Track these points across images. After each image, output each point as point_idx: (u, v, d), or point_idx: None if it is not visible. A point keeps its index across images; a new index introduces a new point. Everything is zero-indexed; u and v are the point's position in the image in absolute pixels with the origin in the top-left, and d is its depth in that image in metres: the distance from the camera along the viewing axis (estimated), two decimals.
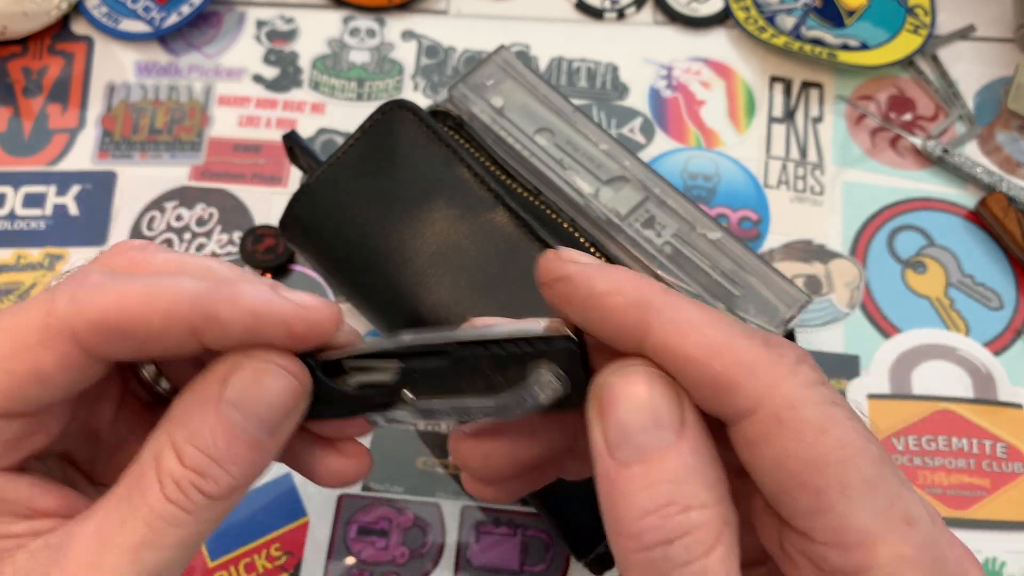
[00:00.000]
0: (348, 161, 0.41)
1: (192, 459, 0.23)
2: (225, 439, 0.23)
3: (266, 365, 0.24)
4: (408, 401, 0.25)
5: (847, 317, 0.48)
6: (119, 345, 0.23)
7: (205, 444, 0.23)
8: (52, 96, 0.53)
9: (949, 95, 0.53)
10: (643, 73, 0.54)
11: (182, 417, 0.24)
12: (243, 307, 0.23)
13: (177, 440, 0.23)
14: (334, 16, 0.55)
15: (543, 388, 0.23)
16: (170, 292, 0.23)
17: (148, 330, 0.23)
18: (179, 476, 0.23)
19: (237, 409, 0.24)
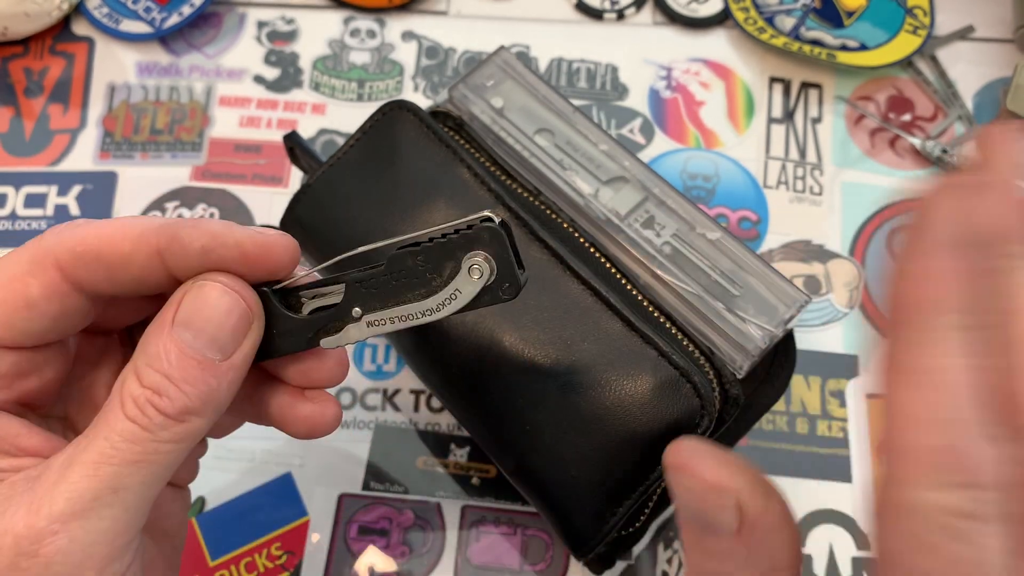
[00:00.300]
0: (348, 162, 0.41)
1: (149, 378, 0.25)
2: (177, 356, 0.25)
3: (212, 283, 0.26)
4: (357, 317, 0.27)
5: (846, 317, 0.48)
6: (95, 271, 0.26)
7: (160, 364, 0.25)
8: (53, 96, 0.54)
9: (948, 95, 0.53)
10: (643, 74, 0.54)
11: (143, 344, 0.26)
12: (202, 229, 0.26)
13: (138, 364, 0.25)
14: (334, 17, 0.56)
15: (472, 273, 0.25)
16: (140, 222, 0.26)
17: (119, 253, 0.25)
18: (137, 395, 0.25)
19: (186, 328, 0.25)
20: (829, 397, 0.46)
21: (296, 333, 0.28)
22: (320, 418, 0.29)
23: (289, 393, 0.30)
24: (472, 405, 0.38)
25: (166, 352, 0.25)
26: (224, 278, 0.26)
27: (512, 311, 0.37)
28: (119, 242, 0.26)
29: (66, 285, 0.26)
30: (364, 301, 0.27)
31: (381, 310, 0.27)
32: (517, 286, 0.25)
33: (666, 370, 0.36)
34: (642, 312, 0.38)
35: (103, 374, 0.30)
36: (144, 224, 0.26)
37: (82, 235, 0.26)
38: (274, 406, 0.30)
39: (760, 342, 0.37)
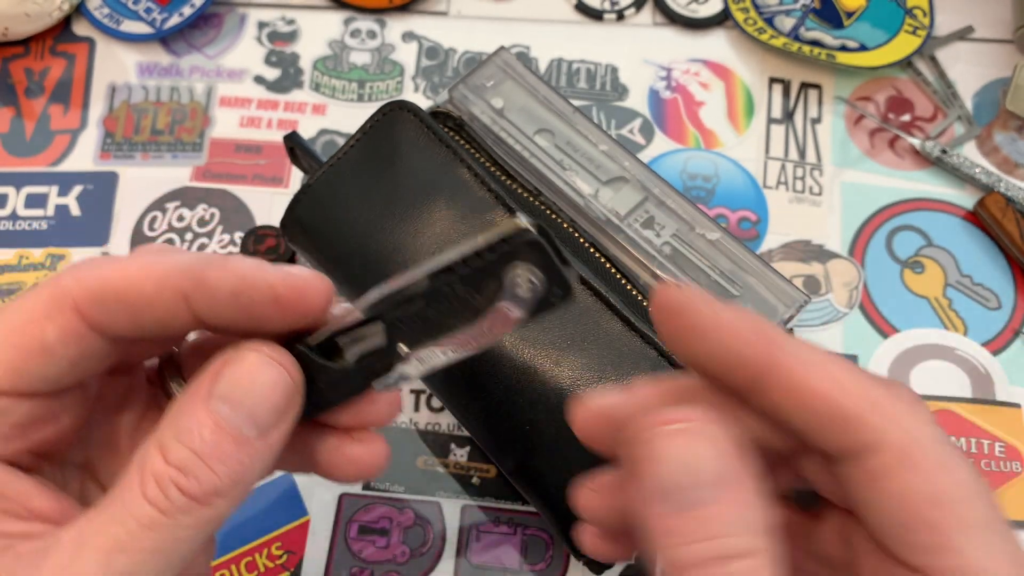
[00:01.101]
0: (349, 162, 0.41)
1: (176, 455, 0.23)
2: (212, 432, 0.23)
3: (255, 353, 0.24)
4: (404, 355, 0.25)
5: (845, 317, 0.48)
6: (116, 314, 0.24)
7: (191, 440, 0.23)
8: (54, 97, 0.54)
9: (948, 96, 0.53)
10: (642, 74, 0.54)
11: (173, 415, 0.23)
12: (231, 271, 0.23)
13: (164, 437, 0.23)
14: (335, 17, 0.56)
15: (520, 286, 0.22)
16: (164, 261, 0.24)
17: (141, 296, 0.24)
18: (160, 473, 0.22)
19: (226, 403, 0.23)
20: None
21: (344, 382, 0.26)
22: (370, 458, 0.27)
23: (335, 436, 0.27)
24: (472, 405, 0.38)
25: (199, 426, 0.23)
26: (268, 348, 0.24)
27: None
28: (141, 283, 0.24)
29: (85, 328, 0.24)
30: (409, 337, 0.25)
31: (430, 343, 0.25)
32: (568, 288, 0.23)
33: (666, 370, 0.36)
34: (642, 312, 0.38)
35: (126, 417, 0.28)
36: (168, 263, 0.24)
37: (102, 275, 0.24)
38: (319, 452, 0.27)
39: None
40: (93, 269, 0.24)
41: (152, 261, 0.24)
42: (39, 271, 0.49)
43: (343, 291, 0.43)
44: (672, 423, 0.22)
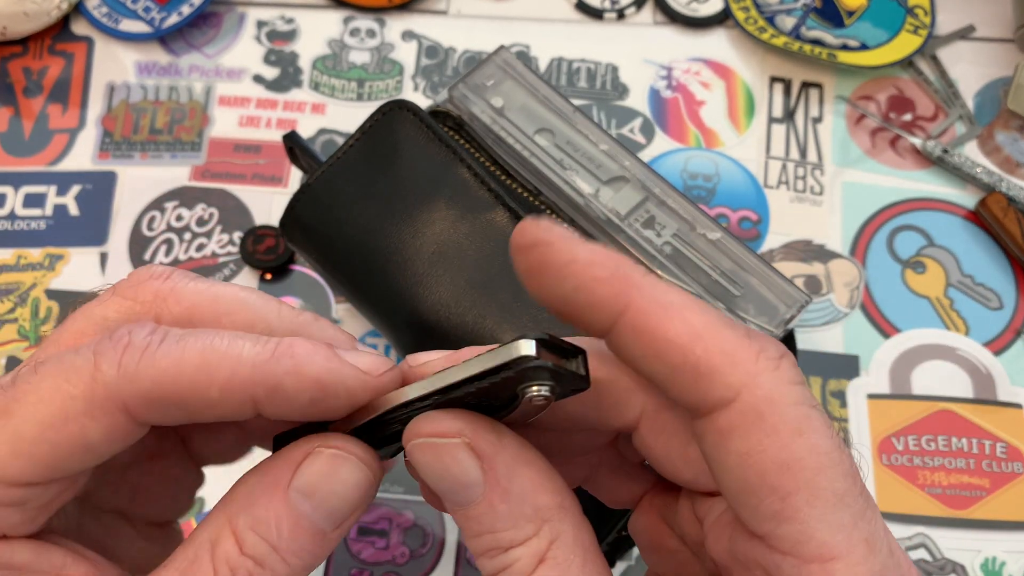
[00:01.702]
0: (348, 161, 0.41)
1: (253, 547, 0.22)
2: (290, 528, 0.22)
3: (345, 456, 0.23)
4: None
5: (847, 317, 0.48)
6: (171, 415, 0.22)
7: (268, 532, 0.22)
8: (52, 96, 0.53)
9: (949, 95, 0.53)
10: (643, 73, 0.54)
11: (246, 501, 0.22)
12: (309, 378, 0.22)
13: (239, 526, 0.22)
14: (334, 16, 0.55)
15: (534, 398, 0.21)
16: (229, 361, 0.22)
17: (205, 402, 0.22)
18: (236, 564, 0.22)
19: (307, 499, 0.22)
20: (830, 397, 0.46)
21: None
22: None
23: None
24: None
25: (277, 520, 0.22)
26: (356, 449, 0.23)
27: (512, 312, 0.37)
28: (205, 387, 0.21)
29: (131, 426, 0.22)
30: None
31: None
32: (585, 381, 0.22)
33: None
34: None
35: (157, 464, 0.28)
36: (234, 361, 0.22)
37: (155, 376, 0.21)
38: None
39: None
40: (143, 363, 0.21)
41: (213, 358, 0.22)
42: (37, 271, 0.49)
43: (343, 291, 0.42)
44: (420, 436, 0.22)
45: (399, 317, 0.39)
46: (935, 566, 0.42)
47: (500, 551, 0.22)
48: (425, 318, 0.38)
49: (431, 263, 0.39)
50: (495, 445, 0.22)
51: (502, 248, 0.38)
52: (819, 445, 0.20)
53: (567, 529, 0.22)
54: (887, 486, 0.44)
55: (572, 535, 0.22)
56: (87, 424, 0.21)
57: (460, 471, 0.22)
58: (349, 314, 0.48)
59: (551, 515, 0.22)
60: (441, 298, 0.38)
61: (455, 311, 0.38)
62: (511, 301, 0.38)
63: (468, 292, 0.38)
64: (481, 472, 0.22)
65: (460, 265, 0.38)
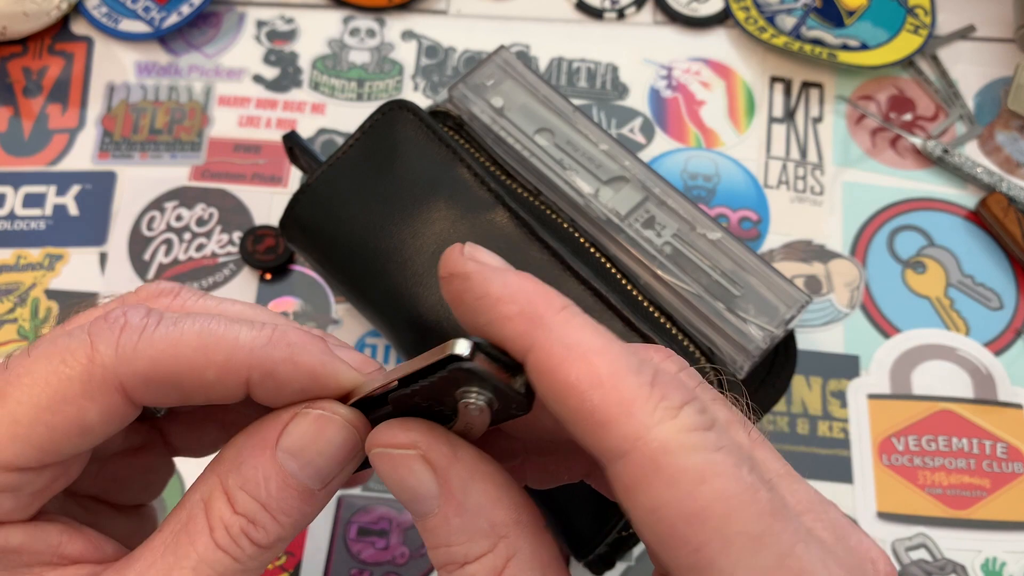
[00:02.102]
0: (348, 161, 0.41)
1: (244, 505, 0.23)
2: (278, 487, 0.23)
3: (330, 416, 0.23)
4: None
5: (847, 317, 0.48)
6: (167, 396, 0.22)
7: (257, 491, 0.23)
8: (52, 96, 0.53)
9: (949, 95, 0.53)
10: (643, 73, 0.54)
11: (235, 461, 0.23)
12: (302, 368, 0.23)
13: (229, 485, 0.23)
14: (334, 16, 0.55)
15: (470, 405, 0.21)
16: (226, 344, 0.22)
17: (201, 382, 0.22)
18: (230, 522, 0.22)
19: (294, 458, 0.23)
20: (830, 397, 0.46)
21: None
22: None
23: None
24: None
25: (266, 480, 0.23)
26: (344, 411, 0.23)
27: None
28: (201, 369, 0.22)
29: (127, 406, 0.22)
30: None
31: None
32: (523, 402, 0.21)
33: None
34: (642, 312, 0.37)
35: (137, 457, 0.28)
36: (231, 344, 0.22)
37: (153, 356, 0.22)
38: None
39: (761, 342, 0.37)
40: (142, 344, 0.22)
41: (211, 341, 0.22)
42: (37, 271, 0.49)
43: (342, 291, 0.42)
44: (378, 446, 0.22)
45: (399, 317, 0.39)
46: (935, 566, 0.42)
47: (456, 566, 0.22)
48: (425, 318, 0.38)
49: (431, 263, 0.39)
50: (449, 458, 0.22)
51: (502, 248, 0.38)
52: (725, 490, 0.19)
53: (524, 546, 0.22)
54: (887, 486, 0.44)
55: (530, 552, 0.22)
56: (85, 405, 0.22)
57: (415, 483, 0.22)
58: (349, 314, 0.48)
59: (507, 531, 0.22)
60: (441, 298, 0.38)
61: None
62: None
63: None
64: (436, 484, 0.22)
65: None
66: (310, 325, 0.48)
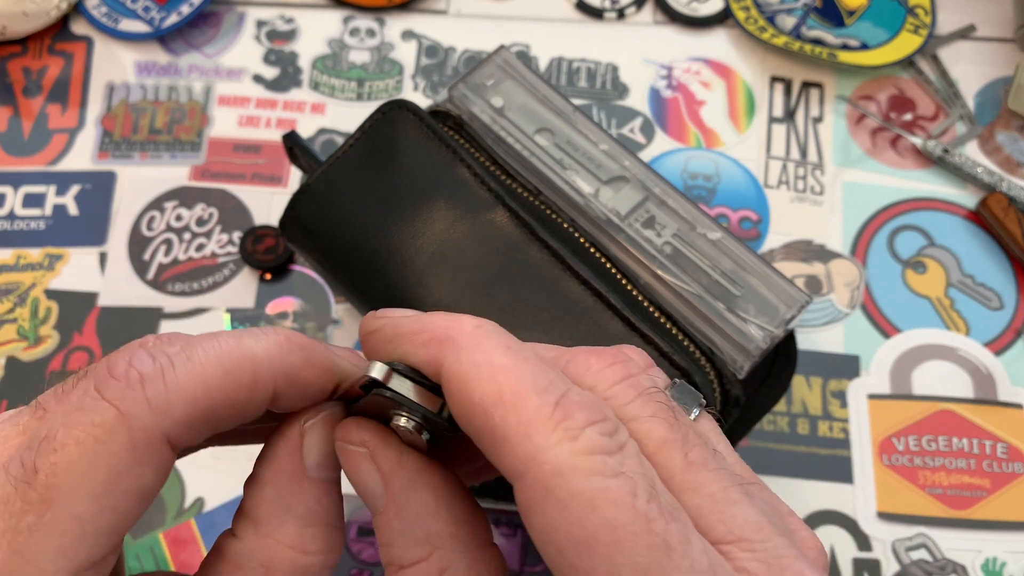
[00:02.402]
0: (348, 161, 0.41)
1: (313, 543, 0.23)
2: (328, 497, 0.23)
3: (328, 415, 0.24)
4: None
5: (847, 317, 0.47)
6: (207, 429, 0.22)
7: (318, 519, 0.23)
8: (52, 96, 0.53)
9: (949, 95, 0.53)
10: (643, 73, 0.54)
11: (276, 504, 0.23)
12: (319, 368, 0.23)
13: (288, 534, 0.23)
14: (334, 16, 0.55)
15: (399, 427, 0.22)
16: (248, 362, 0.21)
17: (235, 406, 0.21)
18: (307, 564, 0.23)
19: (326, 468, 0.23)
20: (830, 398, 0.46)
21: None
22: None
23: None
24: None
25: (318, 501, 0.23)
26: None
27: (512, 312, 0.37)
28: (233, 394, 0.21)
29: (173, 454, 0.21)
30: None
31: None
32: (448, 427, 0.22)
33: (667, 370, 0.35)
34: (642, 312, 0.37)
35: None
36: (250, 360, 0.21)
37: (188, 398, 0.20)
38: None
39: (761, 342, 0.37)
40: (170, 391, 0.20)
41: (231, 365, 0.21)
42: (37, 271, 0.49)
43: (342, 291, 0.42)
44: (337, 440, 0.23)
45: None
46: (936, 566, 0.42)
47: (395, 568, 0.22)
48: None
49: (431, 263, 0.39)
50: (393, 462, 0.22)
51: (502, 248, 0.38)
52: (615, 519, 0.18)
53: (460, 560, 0.22)
54: (888, 486, 0.44)
55: (465, 567, 0.22)
56: (139, 472, 0.20)
57: (364, 480, 0.22)
58: (349, 314, 0.48)
59: (442, 543, 0.22)
60: (441, 298, 0.38)
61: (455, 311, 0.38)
62: (511, 301, 0.38)
63: (468, 292, 0.38)
64: (381, 485, 0.22)
65: (460, 265, 0.38)
66: (310, 325, 0.48)
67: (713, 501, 0.20)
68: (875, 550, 0.43)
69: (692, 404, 0.23)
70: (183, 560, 0.42)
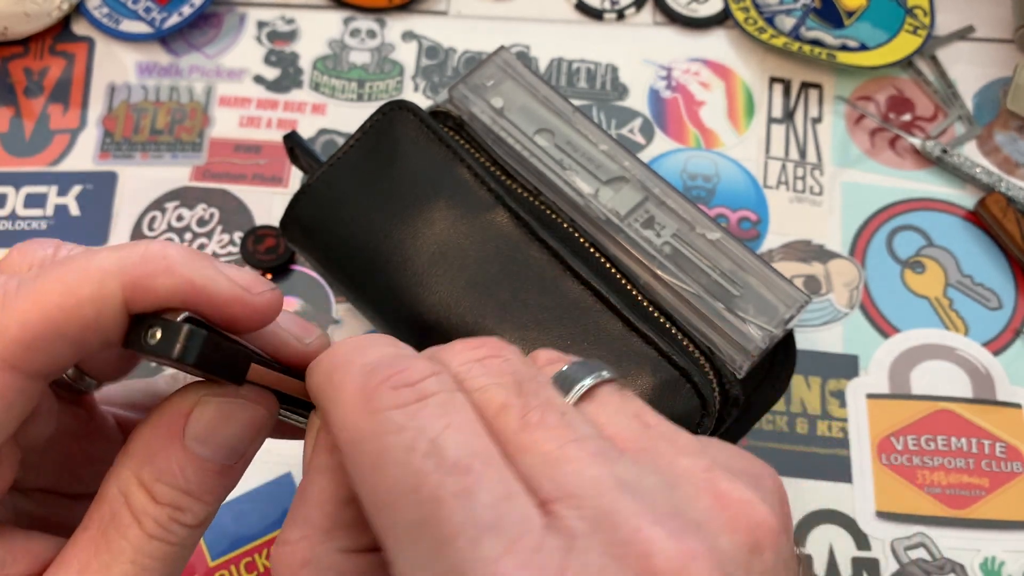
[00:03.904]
0: (349, 162, 0.41)
1: (166, 496, 0.23)
2: (196, 474, 0.23)
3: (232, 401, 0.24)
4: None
5: (846, 317, 0.48)
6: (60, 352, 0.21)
7: (176, 481, 0.23)
8: (53, 97, 0.54)
9: (948, 96, 0.53)
10: (643, 74, 0.54)
11: (146, 454, 0.23)
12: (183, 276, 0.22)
13: (145, 479, 0.23)
14: (335, 17, 0.56)
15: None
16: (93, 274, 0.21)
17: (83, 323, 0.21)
18: (156, 514, 0.23)
19: (204, 444, 0.23)
20: (829, 397, 0.46)
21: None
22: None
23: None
24: None
25: (182, 470, 0.23)
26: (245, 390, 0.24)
27: (512, 311, 0.37)
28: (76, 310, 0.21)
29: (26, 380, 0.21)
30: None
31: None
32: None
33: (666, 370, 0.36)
34: (642, 312, 0.38)
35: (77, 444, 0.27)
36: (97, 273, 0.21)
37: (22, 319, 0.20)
38: None
39: (760, 342, 0.37)
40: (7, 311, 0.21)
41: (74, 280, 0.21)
42: None
43: (343, 291, 0.43)
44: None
45: (399, 317, 0.39)
46: (934, 566, 0.42)
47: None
48: (425, 318, 0.38)
49: (431, 263, 0.39)
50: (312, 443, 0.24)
51: (502, 248, 0.38)
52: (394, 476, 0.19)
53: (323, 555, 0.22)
54: (886, 486, 0.44)
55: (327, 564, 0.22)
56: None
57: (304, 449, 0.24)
58: (349, 314, 0.48)
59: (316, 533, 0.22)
60: (441, 298, 0.38)
61: (455, 311, 0.38)
62: (511, 301, 0.38)
63: (468, 292, 0.38)
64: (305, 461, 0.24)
65: (460, 265, 0.38)
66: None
67: (544, 460, 0.19)
68: (874, 549, 0.43)
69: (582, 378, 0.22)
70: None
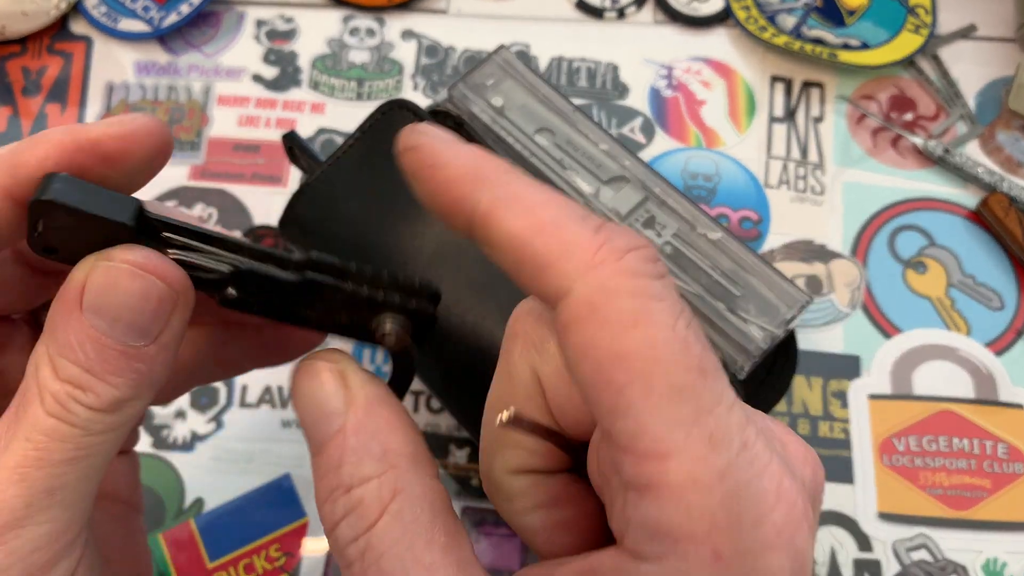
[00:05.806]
0: (348, 161, 0.41)
1: (66, 371, 0.21)
2: (96, 350, 0.21)
3: (118, 266, 0.22)
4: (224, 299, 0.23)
5: (848, 317, 0.47)
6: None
7: (75, 356, 0.21)
8: (51, 96, 0.53)
9: (950, 95, 0.53)
10: (643, 73, 0.54)
11: (50, 326, 0.22)
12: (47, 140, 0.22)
13: (51, 352, 0.22)
14: (334, 16, 0.55)
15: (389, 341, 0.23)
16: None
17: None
18: (56, 390, 0.21)
19: (98, 316, 0.21)
20: (831, 398, 0.46)
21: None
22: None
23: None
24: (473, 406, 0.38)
25: (79, 343, 0.21)
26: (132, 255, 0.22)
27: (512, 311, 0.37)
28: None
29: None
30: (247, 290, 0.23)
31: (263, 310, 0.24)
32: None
33: None
34: None
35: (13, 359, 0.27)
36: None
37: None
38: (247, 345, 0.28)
39: (761, 342, 0.37)
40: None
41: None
42: None
43: None
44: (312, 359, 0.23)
45: None
46: (936, 567, 0.42)
47: (343, 491, 0.22)
48: None
49: (431, 263, 0.39)
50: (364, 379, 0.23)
51: None
52: (655, 337, 0.19)
53: (415, 483, 0.22)
54: (888, 487, 0.44)
55: (420, 491, 0.21)
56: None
57: (324, 395, 0.23)
58: None
59: (399, 462, 0.22)
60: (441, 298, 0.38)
61: (455, 311, 0.38)
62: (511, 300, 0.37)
63: (468, 292, 0.38)
64: (344, 402, 0.22)
65: (460, 265, 0.38)
66: None
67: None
68: (876, 550, 0.43)
69: None
70: (183, 560, 0.42)
